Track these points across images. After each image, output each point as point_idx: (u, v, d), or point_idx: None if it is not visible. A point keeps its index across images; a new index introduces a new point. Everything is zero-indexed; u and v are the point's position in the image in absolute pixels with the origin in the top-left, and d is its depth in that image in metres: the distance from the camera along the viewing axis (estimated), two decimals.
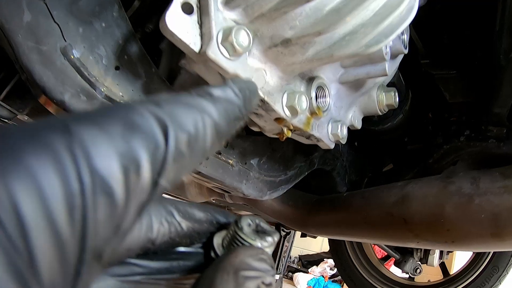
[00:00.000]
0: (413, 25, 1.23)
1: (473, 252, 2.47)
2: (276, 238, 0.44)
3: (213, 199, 1.89)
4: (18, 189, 0.21)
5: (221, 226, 0.45)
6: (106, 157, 0.24)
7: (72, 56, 0.78)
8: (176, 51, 0.94)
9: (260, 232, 0.43)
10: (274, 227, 3.29)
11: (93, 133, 0.24)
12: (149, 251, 0.41)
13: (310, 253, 8.05)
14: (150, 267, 0.41)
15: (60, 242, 0.22)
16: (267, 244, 0.42)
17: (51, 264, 0.22)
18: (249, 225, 0.43)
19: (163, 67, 0.99)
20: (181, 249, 0.45)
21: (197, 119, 0.30)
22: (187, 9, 0.62)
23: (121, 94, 0.80)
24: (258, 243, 0.42)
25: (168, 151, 0.27)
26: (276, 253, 3.78)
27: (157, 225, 0.41)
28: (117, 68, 0.83)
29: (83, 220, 0.23)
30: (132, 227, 0.27)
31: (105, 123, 0.25)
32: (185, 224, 0.43)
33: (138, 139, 0.26)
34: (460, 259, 4.29)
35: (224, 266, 0.37)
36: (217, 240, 0.44)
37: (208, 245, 0.45)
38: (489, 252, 2.35)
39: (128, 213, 0.26)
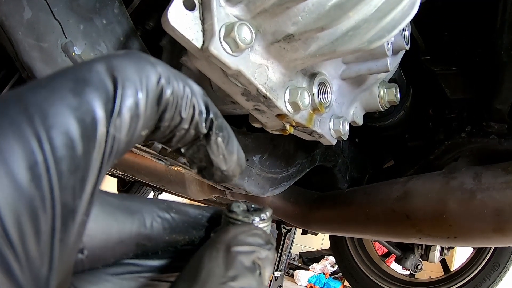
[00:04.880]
0: (414, 21, 1.23)
1: (474, 249, 2.47)
2: (269, 213, 0.43)
3: (214, 197, 1.89)
4: None
5: (218, 222, 0.45)
6: (60, 113, 0.25)
7: (73, 53, 0.78)
8: (177, 48, 0.94)
9: (252, 211, 0.43)
10: (275, 224, 3.29)
11: (46, 95, 0.26)
12: (148, 250, 0.41)
13: (311, 250, 8.06)
14: (148, 265, 0.40)
15: (26, 198, 0.23)
16: (260, 219, 0.41)
17: (21, 224, 0.23)
18: (239, 206, 0.42)
19: None
20: (183, 247, 0.44)
21: (149, 69, 0.30)
22: (189, 5, 0.61)
23: None
24: (251, 220, 0.41)
25: (116, 99, 0.28)
26: (276, 251, 3.78)
27: (150, 220, 0.41)
28: None
29: (47, 174, 0.24)
30: (98, 183, 0.28)
31: (56, 83, 0.27)
32: (179, 219, 0.43)
33: (89, 92, 0.27)
34: (460, 255, 4.30)
35: (214, 243, 0.36)
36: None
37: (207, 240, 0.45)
38: (490, 249, 2.35)
39: (91, 164, 0.27)
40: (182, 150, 0.36)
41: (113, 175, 3.49)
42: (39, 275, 0.24)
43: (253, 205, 0.44)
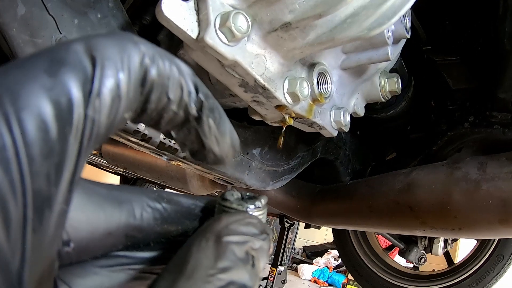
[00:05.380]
0: (415, 11, 1.21)
1: (478, 241, 2.46)
2: (264, 201, 0.41)
3: (215, 192, 1.88)
4: None
5: (213, 212, 0.43)
6: (33, 94, 0.23)
7: None
8: (174, 42, 0.92)
9: (246, 199, 0.41)
10: (278, 219, 3.29)
11: (17, 75, 0.24)
12: (139, 242, 0.39)
13: (314, 244, 8.07)
14: (139, 257, 0.39)
15: None
16: (255, 207, 0.40)
17: None
18: (232, 194, 0.41)
19: None
20: (176, 239, 0.42)
21: (130, 48, 0.28)
22: None
23: None
24: (245, 208, 0.39)
25: (95, 79, 0.26)
26: (280, 245, 3.78)
27: (139, 210, 0.39)
28: None
29: (16, 157, 0.22)
30: (77, 169, 0.26)
31: (29, 64, 0.25)
32: (171, 209, 0.41)
33: (65, 73, 0.25)
34: (464, 248, 4.29)
35: (204, 233, 0.34)
36: None
37: None
38: (494, 241, 2.34)
39: (68, 149, 0.25)
40: (172, 133, 0.35)
41: (115, 173, 3.49)
42: (9, 266, 0.22)
43: (247, 193, 0.42)
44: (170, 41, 0.96)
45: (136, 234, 0.39)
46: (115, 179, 4.67)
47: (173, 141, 0.92)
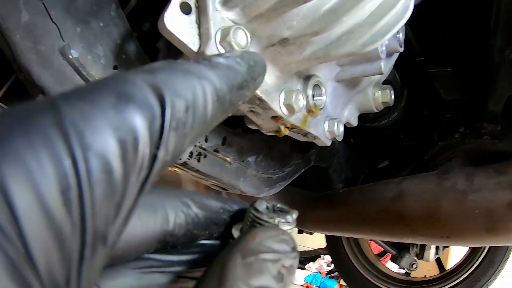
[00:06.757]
0: (408, 23, 1.23)
1: (469, 248, 2.48)
2: (295, 215, 0.41)
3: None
4: (8, 176, 0.20)
5: (239, 216, 0.44)
6: (99, 132, 0.22)
7: (70, 56, 0.78)
8: (173, 50, 0.94)
9: (277, 211, 0.41)
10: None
11: (84, 108, 0.23)
12: (168, 245, 0.40)
13: (307, 249, 8.04)
14: (168, 260, 0.39)
15: (55, 226, 0.21)
16: (286, 221, 0.39)
17: (49, 251, 0.21)
18: (267, 207, 0.41)
19: None
20: (202, 242, 0.43)
21: (195, 84, 0.28)
22: (185, 9, 0.62)
23: None
24: (276, 221, 0.39)
25: (166, 120, 0.25)
26: None
27: (173, 216, 0.39)
28: (115, 67, 0.82)
29: (79, 200, 0.22)
30: (135, 205, 0.26)
31: (96, 96, 0.24)
32: (202, 215, 0.42)
33: (132, 110, 0.24)
34: (455, 254, 4.31)
35: (239, 249, 0.34)
36: (236, 229, 0.43)
37: (227, 236, 0.43)
38: (485, 247, 2.36)
39: (128, 189, 0.24)
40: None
41: None
42: None
43: (278, 205, 0.42)
44: (168, 49, 0.98)
45: (168, 238, 0.39)
46: None
47: None
